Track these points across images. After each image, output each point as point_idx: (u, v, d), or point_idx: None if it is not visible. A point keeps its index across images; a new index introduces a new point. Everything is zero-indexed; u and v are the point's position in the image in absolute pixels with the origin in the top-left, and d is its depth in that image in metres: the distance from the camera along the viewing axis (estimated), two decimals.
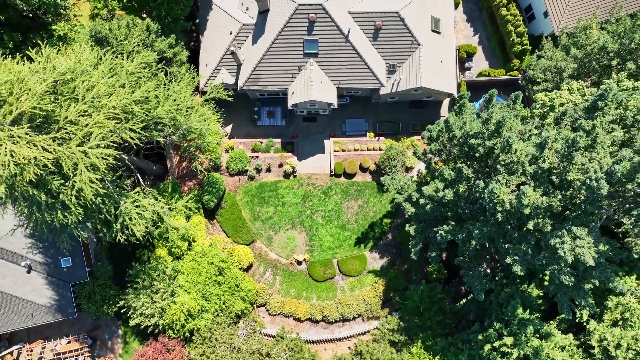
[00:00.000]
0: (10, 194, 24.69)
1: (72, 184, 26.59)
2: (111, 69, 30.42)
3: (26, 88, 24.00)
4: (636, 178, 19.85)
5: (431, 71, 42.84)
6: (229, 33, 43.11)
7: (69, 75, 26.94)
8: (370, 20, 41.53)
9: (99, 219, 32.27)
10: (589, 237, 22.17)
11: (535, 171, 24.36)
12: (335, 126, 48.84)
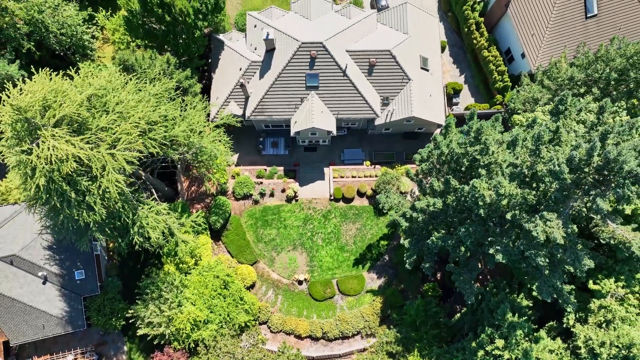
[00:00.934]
0: (47, 188, 27.72)
1: (99, 184, 29.76)
2: (137, 90, 34.54)
3: (67, 97, 27.82)
4: (592, 162, 23.15)
5: (421, 103, 47.25)
6: (239, 69, 47.94)
7: (102, 92, 30.94)
8: (365, 57, 46.51)
9: (116, 225, 35.07)
10: (558, 220, 25.03)
11: (512, 172, 27.70)
12: (334, 156, 52.61)
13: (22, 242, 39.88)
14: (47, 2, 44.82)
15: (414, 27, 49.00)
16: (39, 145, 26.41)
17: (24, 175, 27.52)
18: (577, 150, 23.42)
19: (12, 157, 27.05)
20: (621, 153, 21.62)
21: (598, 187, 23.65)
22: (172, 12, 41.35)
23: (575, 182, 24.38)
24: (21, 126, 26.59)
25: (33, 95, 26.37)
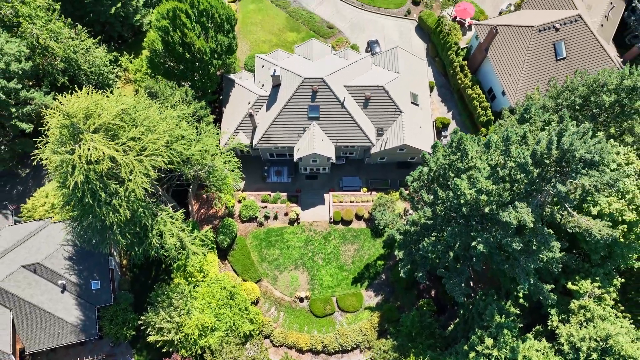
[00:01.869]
0: (83, 185, 31.60)
1: (126, 187, 33.78)
2: (160, 112, 39.45)
3: (104, 109, 32.53)
4: (551, 155, 27.30)
5: (412, 133, 52.20)
6: (247, 103, 53.34)
7: (131, 109, 35.75)
8: (361, 92, 52.05)
9: (135, 231, 38.61)
10: (527, 208, 28.69)
11: (489, 174, 31.84)
12: (333, 183, 56.84)
13: (46, 252, 43.12)
14: (81, 44, 51.00)
15: (405, 68, 55.01)
16: (81, 146, 30.71)
17: (64, 174, 31.54)
18: (538, 145, 27.70)
19: (56, 157, 31.20)
20: (572, 144, 25.86)
21: (559, 177, 27.65)
22: (191, 51, 47.26)
23: (541, 175, 28.42)
24: (67, 131, 30.99)
25: (79, 104, 31.08)
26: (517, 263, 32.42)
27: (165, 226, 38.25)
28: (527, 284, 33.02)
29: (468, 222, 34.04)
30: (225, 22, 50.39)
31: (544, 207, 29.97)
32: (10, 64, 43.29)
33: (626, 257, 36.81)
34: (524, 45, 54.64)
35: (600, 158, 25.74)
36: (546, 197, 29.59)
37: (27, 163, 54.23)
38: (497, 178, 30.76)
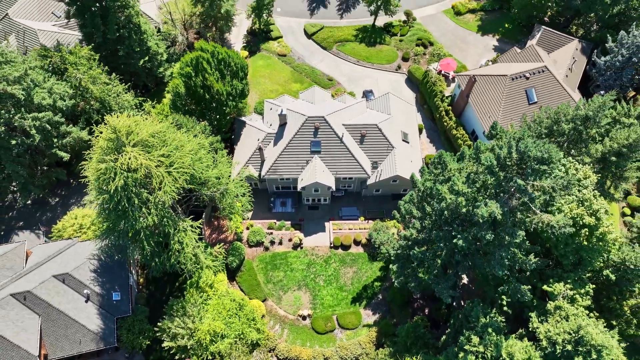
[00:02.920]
0: (121, 190, 37.13)
1: (156, 196, 39.42)
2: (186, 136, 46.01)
3: (142, 128, 39.00)
4: (513, 157, 33.13)
5: (404, 165, 58.52)
6: (257, 140, 60.16)
7: (162, 132, 42.26)
8: (357, 129, 59.06)
9: (159, 240, 43.66)
10: (496, 204, 34.00)
11: (465, 180, 37.66)
12: (333, 213, 62.29)
13: (74, 265, 47.72)
14: (114, 89, 58.73)
15: (396, 111, 62.53)
16: (123, 156, 36.74)
17: (107, 180, 37.20)
18: (501, 150, 33.70)
19: (102, 165, 37.06)
20: (527, 146, 31.88)
21: (519, 176, 33.39)
22: (210, 92, 54.81)
23: (506, 178, 34.19)
24: (112, 143, 37.15)
25: (123, 122, 37.58)
26: (492, 257, 37.25)
27: (185, 234, 43.34)
28: (501, 272, 37.66)
29: (451, 227, 39.28)
30: (239, 70, 58.54)
31: (510, 204, 35.36)
32: (57, 101, 50.53)
33: (592, 261, 41.64)
34: (499, 91, 62.53)
35: (549, 155, 31.62)
36: (511, 197, 35.15)
37: (57, 192, 60.05)
38: (471, 183, 36.53)
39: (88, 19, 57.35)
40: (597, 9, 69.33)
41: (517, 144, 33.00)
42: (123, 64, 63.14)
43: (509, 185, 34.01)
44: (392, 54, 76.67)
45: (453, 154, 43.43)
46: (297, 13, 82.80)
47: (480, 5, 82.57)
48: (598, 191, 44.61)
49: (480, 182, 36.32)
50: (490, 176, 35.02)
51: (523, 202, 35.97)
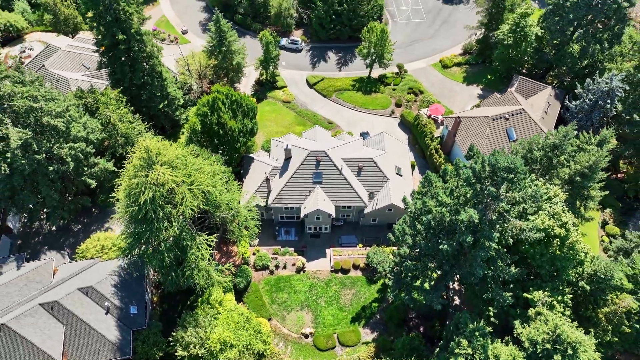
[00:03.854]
0: (149, 202, 42.52)
1: (178, 210, 44.88)
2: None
3: (168, 150, 45.19)
4: (486, 170, 38.81)
5: (398, 195, 64.23)
6: (264, 172, 66.30)
7: (183, 157, 48.44)
8: (355, 163, 65.36)
9: (176, 254, 48.51)
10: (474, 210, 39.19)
11: (448, 193, 43.30)
12: (333, 240, 67.21)
13: (97, 279, 52.13)
14: (137, 127, 65.67)
15: (390, 148, 69.23)
16: (152, 172, 42.61)
17: (137, 194, 42.73)
18: (476, 164, 39.57)
19: (134, 180, 42.77)
20: (497, 159, 37.77)
21: (493, 186, 39.08)
22: (224, 128, 61.68)
23: (481, 190, 39.88)
24: (143, 161, 43.15)
25: (154, 144, 43.89)
26: (474, 260, 42.04)
27: (201, 248, 48.30)
28: (482, 272, 42.25)
29: (438, 237, 44.40)
30: (249, 111, 65.87)
31: (487, 213, 40.69)
32: (89, 134, 57.21)
33: (567, 270, 46.33)
34: (482, 131, 69.58)
35: (514, 165, 37.40)
36: (488, 207, 40.58)
37: (80, 220, 65.31)
38: (454, 196, 42.16)
39: (118, 67, 65.47)
40: (567, 62, 78.21)
41: (489, 159, 39.04)
42: (145, 106, 70.60)
43: (484, 194, 39.61)
44: (386, 100, 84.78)
45: (438, 175, 49.46)
46: (300, 66, 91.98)
47: (465, 59, 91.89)
48: (572, 213, 50.14)
49: (461, 194, 41.97)
50: (468, 188, 40.73)
51: (499, 211, 41.45)
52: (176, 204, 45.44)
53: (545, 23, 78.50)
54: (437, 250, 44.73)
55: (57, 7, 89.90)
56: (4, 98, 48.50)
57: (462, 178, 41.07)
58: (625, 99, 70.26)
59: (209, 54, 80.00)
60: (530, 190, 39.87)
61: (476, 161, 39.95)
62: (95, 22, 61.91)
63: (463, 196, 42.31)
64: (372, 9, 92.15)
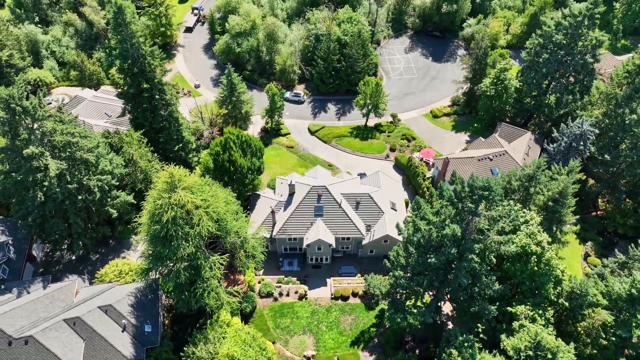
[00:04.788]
0: (171, 221, 47.96)
1: (195, 230, 50.40)
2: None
3: (188, 178, 51.44)
4: (465, 190, 44.64)
5: (393, 227, 69.59)
6: (269, 207, 72.17)
7: (200, 185, 54.62)
8: (353, 197, 71.42)
9: (191, 273, 53.35)
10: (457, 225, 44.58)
11: (434, 213, 49.05)
12: (334, 271, 71.83)
13: (115, 299, 56.44)
14: (155, 166, 72.36)
15: (385, 185, 75.62)
16: (175, 194, 48.56)
17: (160, 214, 48.33)
18: (457, 186, 45.58)
19: (159, 201, 48.57)
20: (474, 180, 43.81)
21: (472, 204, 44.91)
22: (234, 165, 68.34)
23: (462, 208, 45.67)
24: (167, 185, 49.18)
25: (177, 171, 50.24)
26: (459, 272, 46.93)
27: (213, 267, 53.24)
28: (466, 281, 46.92)
29: (427, 255, 49.60)
30: (257, 151, 72.96)
31: (468, 230, 46.22)
32: (114, 169, 63.77)
33: (546, 286, 51.03)
34: (469, 170, 76.29)
35: (488, 184, 43.43)
36: (469, 224, 46.21)
37: (98, 250, 70.27)
38: (439, 215, 47.93)
39: (140, 112, 73.32)
40: (545, 111, 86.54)
41: (467, 181, 45.23)
42: (162, 148, 77.78)
43: (465, 211, 45.38)
44: (382, 146, 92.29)
45: (426, 200, 55.36)
46: (303, 116, 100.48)
47: (453, 110, 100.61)
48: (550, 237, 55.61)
49: (446, 214, 47.75)
50: (451, 207, 46.58)
51: (479, 229, 47.09)
52: (193, 225, 51.00)
53: (523, 77, 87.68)
54: (427, 266, 49.76)
55: (84, 64, 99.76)
56: (45, 134, 55.48)
57: (446, 198, 47.06)
58: (598, 142, 77.64)
59: (220, 103, 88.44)
60: (505, 210, 45.76)
61: (457, 184, 46.13)
62: (124, 73, 70.43)
63: (447, 216, 48.06)
64: (367, 65, 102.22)
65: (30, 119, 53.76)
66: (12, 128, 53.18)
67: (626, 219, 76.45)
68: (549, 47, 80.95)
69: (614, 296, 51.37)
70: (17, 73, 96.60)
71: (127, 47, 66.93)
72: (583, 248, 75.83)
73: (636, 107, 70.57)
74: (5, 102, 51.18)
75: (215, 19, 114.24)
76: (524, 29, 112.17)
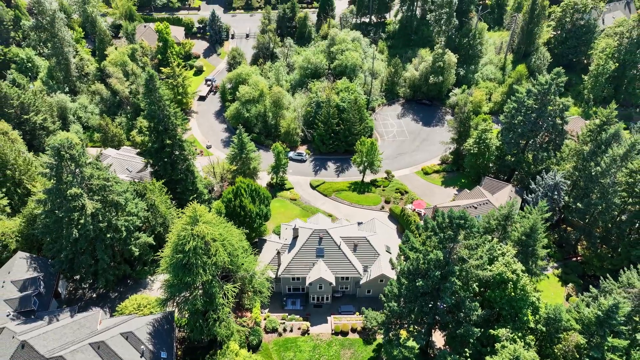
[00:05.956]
0: (192, 250, 55.01)
1: (212, 260, 57.49)
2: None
3: (207, 213, 59.38)
4: (446, 222, 52.28)
5: (388, 267, 76.32)
6: (275, 250, 79.21)
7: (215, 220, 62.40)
8: (351, 240, 78.70)
9: (205, 301, 59.58)
10: (440, 251, 51.67)
11: (421, 242, 56.43)
12: (334, 309, 77.35)
13: (135, 327, 61.99)
14: (172, 213, 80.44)
15: (380, 230, 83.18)
16: (197, 227, 56.18)
17: (183, 244, 55.55)
18: (438, 218, 53.37)
19: (183, 232, 56.01)
20: (452, 213, 51.71)
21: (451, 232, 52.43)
22: (244, 210, 76.42)
23: (444, 237, 53.19)
24: (190, 219, 56.91)
25: (200, 207, 58.32)
26: (443, 292, 53.35)
27: (227, 294, 59.56)
28: (449, 300, 53.08)
29: (415, 280, 56.32)
30: (265, 199, 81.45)
31: (450, 254, 53.41)
32: (139, 212, 71.80)
33: (523, 311, 57.13)
34: None
35: (464, 214, 51.32)
36: (451, 252, 53.48)
37: (117, 289, 76.30)
38: (425, 244, 55.35)
39: (161, 165, 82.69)
40: (524, 167, 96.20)
41: (447, 214, 53.32)
42: (178, 198, 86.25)
43: (446, 239, 52.95)
44: (377, 199, 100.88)
45: (414, 234, 62.93)
46: (305, 173, 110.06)
47: (443, 167, 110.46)
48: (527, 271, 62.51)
49: (430, 245, 55.22)
50: (434, 236, 54.19)
51: (460, 257, 54.37)
52: (210, 255, 58.18)
53: (502, 137, 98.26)
54: (416, 291, 56.28)
55: (108, 127, 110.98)
56: (85, 178, 64.21)
57: (430, 229, 54.80)
58: (571, 192, 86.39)
59: (231, 160, 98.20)
60: (481, 239, 53.41)
61: (439, 216, 54.17)
62: (149, 131, 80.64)
63: (432, 247, 55.52)
64: (363, 129, 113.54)
65: (74, 165, 62.75)
66: (58, 172, 61.97)
67: (602, 262, 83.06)
68: (522, 111, 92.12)
69: (586, 321, 57.29)
70: (48, 135, 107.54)
71: (155, 108, 77.61)
72: (565, 289, 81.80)
73: (600, 160, 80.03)
74: (57, 150, 60.47)
75: (227, 88, 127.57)
76: (504, 97, 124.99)
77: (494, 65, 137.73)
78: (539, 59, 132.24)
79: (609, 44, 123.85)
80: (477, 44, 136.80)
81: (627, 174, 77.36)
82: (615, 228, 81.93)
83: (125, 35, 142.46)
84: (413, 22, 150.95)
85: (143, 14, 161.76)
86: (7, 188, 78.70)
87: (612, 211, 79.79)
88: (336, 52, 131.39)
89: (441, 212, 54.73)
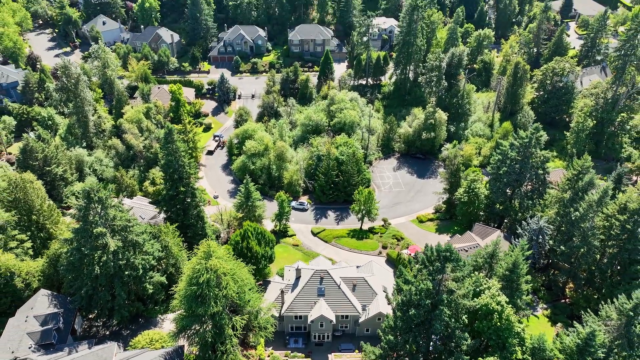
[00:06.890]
0: (205, 282, 60.51)
1: (222, 292, 62.92)
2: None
3: (219, 249, 65.49)
4: (434, 255, 58.25)
5: (385, 306, 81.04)
6: (279, 290, 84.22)
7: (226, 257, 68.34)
8: (350, 281, 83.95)
9: (214, 333, 64.33)
10: (430, 283, 57.24)
11: (413, 275, 62.11)
12: (334, 347, 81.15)
13: (147, 359, 66.15)
14: (182, 254, 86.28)
15: (377, 272, 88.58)
16: (211, 260, 62.14)
17: (197, 277, 61.11)
18: (428, 253, 59.53)
19: (198, 266, 61.78)
20: (440, 246, 57.93)
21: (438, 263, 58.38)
22: (251, 252, 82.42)
23: (432, 269, 59.08)
24: (204, 253, 62.93)
25: (212, 243, 64.52)
26: (434, 321, 58.31)
27: (235, 325, 64.39)
28: (440, 327, 57.86)
29: (409, 311, 61.50)
30: (270, 242, 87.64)
31: (440, 284, 58.95)
32: (154, 252, 77.83)
33: (509, 340, 61.80)
34: None
35: (450, 247, 57.51)
36: (440, 284, 59.15)
37: (129, 327, 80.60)
38: (416, 277, 61.11)
39: (174, 211, 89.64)
40: (512, 214, 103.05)
41: (435, 248, 59.65)
42: (189, 242, 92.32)
43: (434, 270, 58.86)
44: (375, 244, 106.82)
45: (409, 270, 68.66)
46: (306, 221, 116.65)
47: (436, 216, 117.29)
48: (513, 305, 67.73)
49: (419, 279, 61.04)
50: (424, 269, 60.15)
51: (449, 289, 60.04)
52: (221, 288, 63.72)
53: (490, 187, 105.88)
54: (410, 321, 61.31)
55: (122, 178, 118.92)
56: (108, 219, 70.99)
57: (420, 262, 60.85)
58: (555, 236, 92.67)
59: (237, 207, 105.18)
60: (467, 271, 59.38)
61: (427, 250, 60.48)
62: (164, 180, 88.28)
63: (422, 280, 61.35)
64: (361, 180, 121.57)
65: (101, 207, 69.76)
66: (85, 213, 68.83)
67: (589, 303, 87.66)
68: (507, 162, 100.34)
69: (568, 350, 61.86)
70: (66, 185, 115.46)
71: (172, 159, 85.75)
72: (555, 329, 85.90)
73: (578, 206, 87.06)
74: (87, 193, 67.77)
75: (234, 143, 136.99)
76: (492, 151, 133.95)
77: (483, 123, 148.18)
78: (524, 117, 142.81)
79: (586, 104, 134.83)
80: (466, 103, 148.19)
81: (603, 218, 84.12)
82: (598, 270, 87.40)
83: (141, 95, 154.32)
84: (406, 84, 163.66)
85: (157, 77, 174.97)
86: (31, 232, 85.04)
87: (593, 253, 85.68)
88: (335, 111, 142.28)
89: (430, 247, 61.06)
